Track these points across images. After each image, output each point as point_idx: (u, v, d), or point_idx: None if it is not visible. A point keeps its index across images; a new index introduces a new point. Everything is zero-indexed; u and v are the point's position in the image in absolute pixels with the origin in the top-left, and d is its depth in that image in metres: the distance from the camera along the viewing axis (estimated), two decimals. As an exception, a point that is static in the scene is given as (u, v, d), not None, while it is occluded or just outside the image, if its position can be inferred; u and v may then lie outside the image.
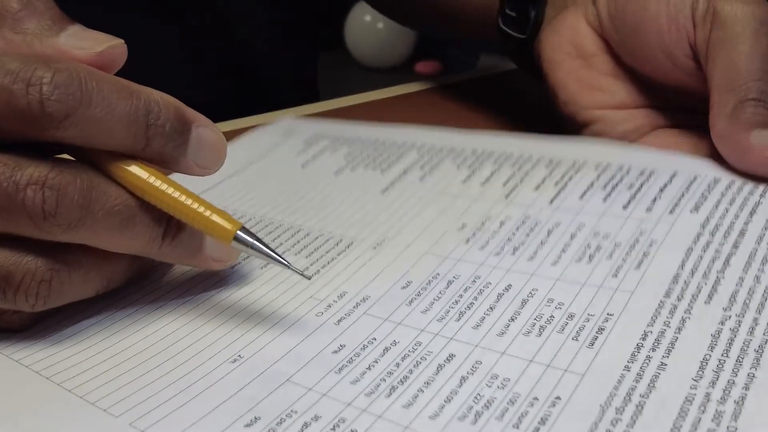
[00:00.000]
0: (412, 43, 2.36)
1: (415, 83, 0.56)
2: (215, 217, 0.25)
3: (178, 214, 0.25)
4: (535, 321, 0.25)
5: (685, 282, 0.25)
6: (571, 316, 0.25)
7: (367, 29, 2.28)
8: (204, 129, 0.26)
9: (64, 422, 0.23)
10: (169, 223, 0.26)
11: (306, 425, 0.22)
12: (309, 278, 0.26)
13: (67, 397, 0.24)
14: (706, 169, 0.31)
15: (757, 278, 0.25)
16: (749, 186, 0.30)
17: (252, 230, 0.27)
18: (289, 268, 0.25)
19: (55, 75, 0.23)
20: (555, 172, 0.33)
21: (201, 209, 0.25)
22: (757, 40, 0.31)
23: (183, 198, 0.25)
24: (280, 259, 0.25)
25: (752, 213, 0.28)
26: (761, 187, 0.30)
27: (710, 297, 0.24)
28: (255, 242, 0.25)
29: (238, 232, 0.25)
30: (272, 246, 0.26)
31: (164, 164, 0.26)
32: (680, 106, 0.36)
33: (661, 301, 0.24)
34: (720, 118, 0.31)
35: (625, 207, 0.30)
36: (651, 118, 0.37)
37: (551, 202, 0.31)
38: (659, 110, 0.37)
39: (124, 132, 0.24)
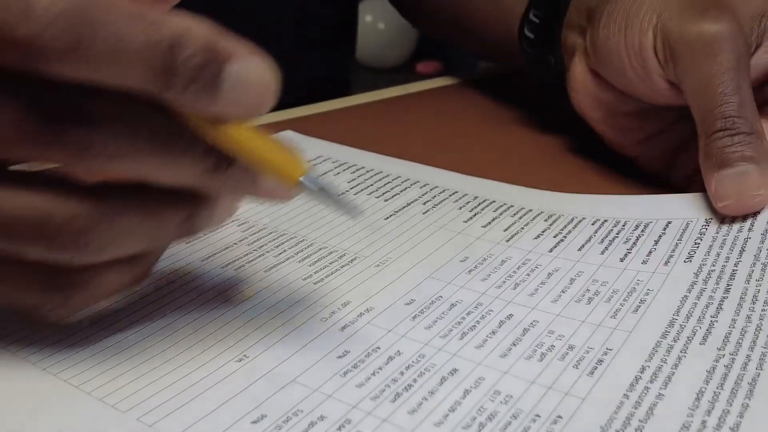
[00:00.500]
0: (414, 44, 2.33)
1: (416, 83, 0.57)
2: (280, 158, 0.23)
3: (236, 150, 0.23)
4: (536, 348, 0.26)
5: (681, 326, 0.26)
6: (571, 347, 0.26)
7: (369, 29, 2.23)
8: (244, 64, 0.21)
9: (71, 418, 0.23)
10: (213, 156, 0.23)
11: (312, 424, 0.22)
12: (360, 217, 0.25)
13: (75, 394, 0.24)
14: (698, 212, 0.34)
15: (749, 318, 0.26)
16: (738, 224, 0.32)
17: (255, 237, 0.26)
18: (352, 212, 0.24)
19: (51, 3, 0.20)
20: (554, 225, 0.34)
21: (266, 149, 0.23)
22: (710, 63, 0.33)
23: (246, 134, 0.23)
24: (342, 201, 0.24)
25: (741, 252, 0.30)
26: (749, 221, 0.32)
27: (705, 339, 0.25)
28: (319, 185, 0.23)
29: (302, 178, 0.23)
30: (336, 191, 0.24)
31: (192, 109, 0.22)
32: None
33: (658, 341, 0.25)
34: (700, 156, 0.33)
35: (621, 260, 0.31)
36: (684, 129, 0.38)
37: (551, 251, 0.32)
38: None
39: (140, 70, 0.20)
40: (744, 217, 0.32)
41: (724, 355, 0.24)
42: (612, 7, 0.38)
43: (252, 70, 0.22)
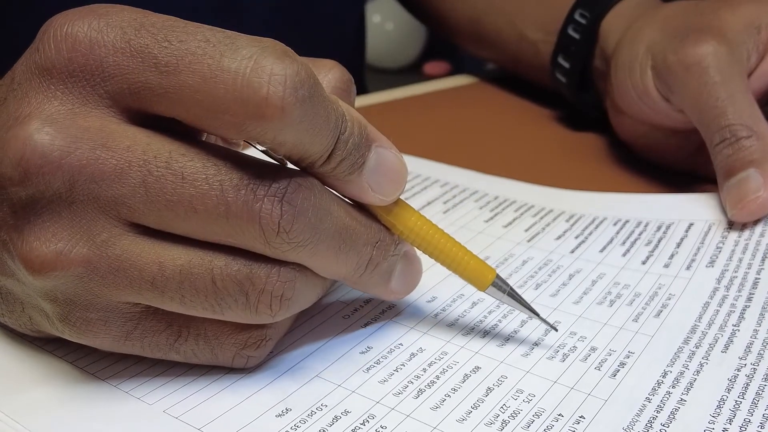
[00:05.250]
0: (422, 44, 2.33)
1: (424, 84, 0.57)
2: (475, 263, 0.25)
3: (435, 255, 0.25)
4: (558, 348, 0.26)
5: (703, 332, 0.26)
6: (593, 349, 0.26)
7: (376, 30, 2.23)
8: (385, 150, 0.24)
9: (98, 410, 0.23)
10: (376, 250, 0.24)
11: (336, 419, 0.23)
12: (557, 330, 0.26)
13: (101, 386, 0.24)
14: (721, 213, 0.34)
15: None
16: (760, 227, 0.32)
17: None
18: (539, 318, 0.26)
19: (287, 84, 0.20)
20: (575, 226, 0.34)
21: (461, 254, 0.25)
22: (696, 82, 0.34)
23: (443, 240, 0.25)
24: (531, 308, 0.26)
25: (764, 259, 0.30)
26: None
27: (726, 347, 0.25)
28: (509, 290, 0.25)
29: (496, 279, 0.25)
30: (519, 294, 0.26)
31: (336, 182, 0.23)
32: None
33: (680, 347, 0.26)
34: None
35: (643, 263, 0.31)
36: None
37: (572, 252, 0.32)
38: None
39: (319, 145, 0.22)
40: (766, 221, 0.33)
41: (745, 365, 0.24)
42: (619, 52, 0.41)
43: (390, 157, 0.24)
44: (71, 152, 0.20)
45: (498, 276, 0.25)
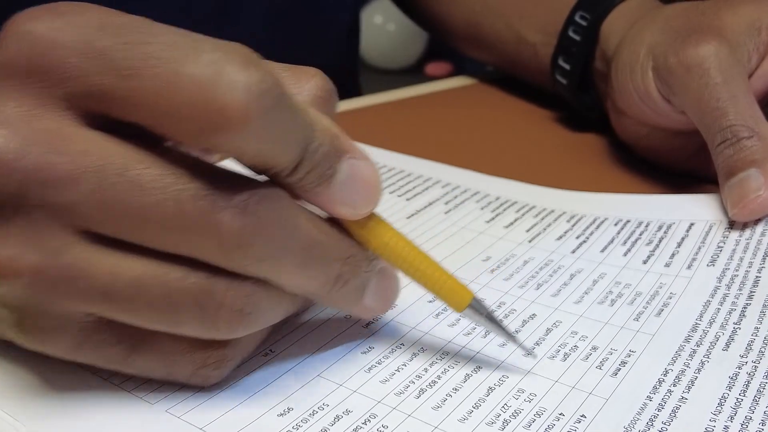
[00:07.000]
0: (423, 45, 2.34)
1: (426, 85, 0.57)
2: (451, 283, 0.24)
3: (411, 273, 0.24)
4: (559, 348, 0.26)
5: (704, 331, 0.26)
6: (594, 348, 0.26)
7: (378, 31, 2.25)
8: (357, 162, 0.23)
9: (100, 409, 0.23)
10: (346, 266, 0.23)
11: (338, 418, 0.23)
12: (535, 356, 0.25)
13: (104, 386, 0.24)
14: (721, 213, 0.34)
15: None
16: (761, 226, 0.32)
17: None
18: (516, 342, 0.25)
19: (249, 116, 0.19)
20: (576, 226, 0.34)
21: (437, 273, 0.24)
22: (697, 84, 0.34)
23: (419, 259, 0.24)
24: (508, 331, 0.25)
25: (765, 257, 0.30)
26: None
27: (728, 345, 0.25)
28: (486, 311, 0.24)
29: (473, 302, 0.24)
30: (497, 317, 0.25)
31: (304, 194, 0.22)
32: None
33: (681, 345, 0.26)
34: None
35: (644, 262, 0.31)
36: None
37: (573, 252, 0.32)
38: None
39: (285, 155, 0.21)
40: (767, 220, 0.33)
41: (746, 363, 0.24)
42: (620, 53, 0.41)
43: (363, 169, 0.23)
44: (25, 156, 0.20)
45: (475, 298, 0.24)
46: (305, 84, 0.24)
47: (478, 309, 0.24)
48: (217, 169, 0.21)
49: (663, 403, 0.23)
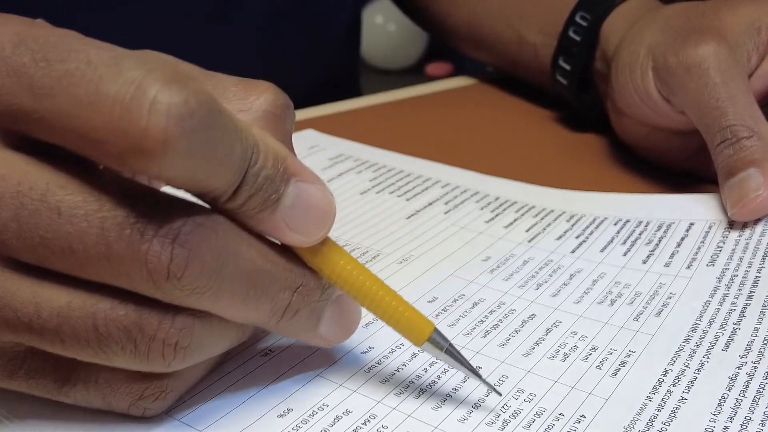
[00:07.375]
0: (424, 45, 2.34)
1: (426, 85, 0.57)
2: (410, 314, 0.23)
3: (366, 304, 0.22)
4: (559, 348, 0.26)
5: (704, 331, 0.26)
6: (594, 348, 0.26)
7: (379, 31, 2.25)
8: (307, 186, 0.21)
9: (101, 411, 0.23)
10: (295, 295, 0.22)
11: (338, 419, 0.23)
12: (500, 394, 0.23)
13: None
14: (721, 213, 0.34)
15: None
16: (761, 226, 0.32)
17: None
18: (480, 379, 0.23)
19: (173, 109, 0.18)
20: (576, 226, 0.34)
21: (395, 303, 0.22)
22: (696, 84, 0.35)
23: (375, 288, 0.22)
24: (471, 367, 0.23)
25: (764, 257, 0.30)
26: None
27: (727, 345, 0.25)
28: (447, 346, 0.23)
29: (433, 334, 0.23)
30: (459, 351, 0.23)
31: (248, 220, 0.21)
32: None
33: (680, 345, 0.26)
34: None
35: (644, 262, 0.31)
36: None
37: (573, 251, 0.32)
38: None
39: (220, 180, 0.19)
40: (767, 220, 0.33)
41: (746, 363, 0.24)
42: (620, 54, 0.41)
43: (313, 193, 0.21)
44: None
45: (436, 330, 0.23)
46: (254, 100, 0.23)
47: (438, 343, 0.23)
48: (153, 194, 0.20)
49: (663, 404, 0.23)
